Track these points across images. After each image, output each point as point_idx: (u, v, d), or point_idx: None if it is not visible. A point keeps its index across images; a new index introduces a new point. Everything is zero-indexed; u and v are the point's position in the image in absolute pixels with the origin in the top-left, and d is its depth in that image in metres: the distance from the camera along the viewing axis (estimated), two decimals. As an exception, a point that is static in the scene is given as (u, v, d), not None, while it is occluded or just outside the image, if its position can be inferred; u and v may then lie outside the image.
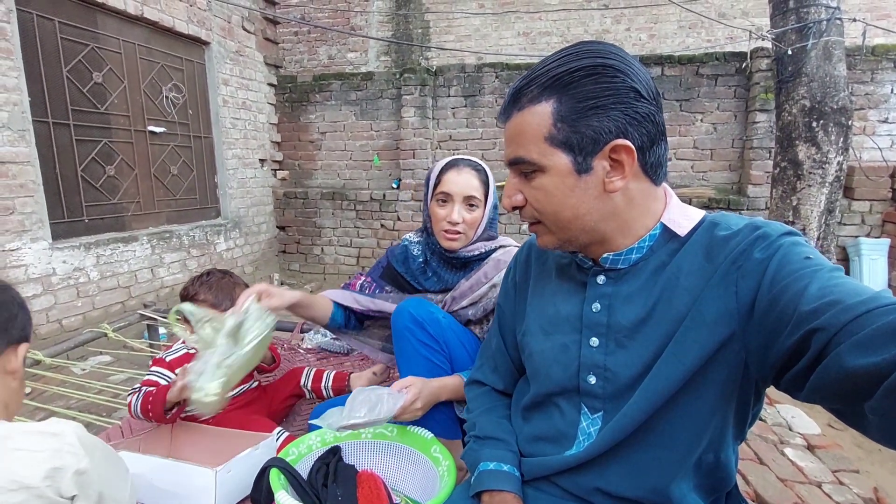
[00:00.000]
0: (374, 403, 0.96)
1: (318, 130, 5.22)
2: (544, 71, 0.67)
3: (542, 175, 0.69)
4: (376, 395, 0.98)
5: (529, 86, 0.68)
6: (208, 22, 4.15)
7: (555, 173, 0.68)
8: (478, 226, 1.29)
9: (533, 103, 0.67)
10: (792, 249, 0.60)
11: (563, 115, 0.65)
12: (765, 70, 3.94)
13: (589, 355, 0.73)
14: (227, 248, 4.52)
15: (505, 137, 0.73)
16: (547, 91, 0.66)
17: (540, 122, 0.67)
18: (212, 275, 1.31)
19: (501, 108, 0.73)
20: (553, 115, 0.66)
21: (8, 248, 2.73)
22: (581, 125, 0.65)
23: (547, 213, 0.71)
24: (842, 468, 1.82)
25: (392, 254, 1.47)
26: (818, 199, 2.86)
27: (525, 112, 0.68)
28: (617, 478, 0.72)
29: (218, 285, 1.29)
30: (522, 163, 0.70)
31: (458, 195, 1.26)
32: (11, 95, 2.72)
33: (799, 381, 0.55)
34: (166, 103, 3.90)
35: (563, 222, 0.70)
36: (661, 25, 6.54)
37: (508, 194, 0.74)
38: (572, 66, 0.65)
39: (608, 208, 0.69)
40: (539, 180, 0.69)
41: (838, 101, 2.75)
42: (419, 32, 7.13)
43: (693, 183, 4.42)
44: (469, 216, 1.27)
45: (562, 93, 0.65)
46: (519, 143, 0.70)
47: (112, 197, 3.49)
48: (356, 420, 0.94)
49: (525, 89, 0.68)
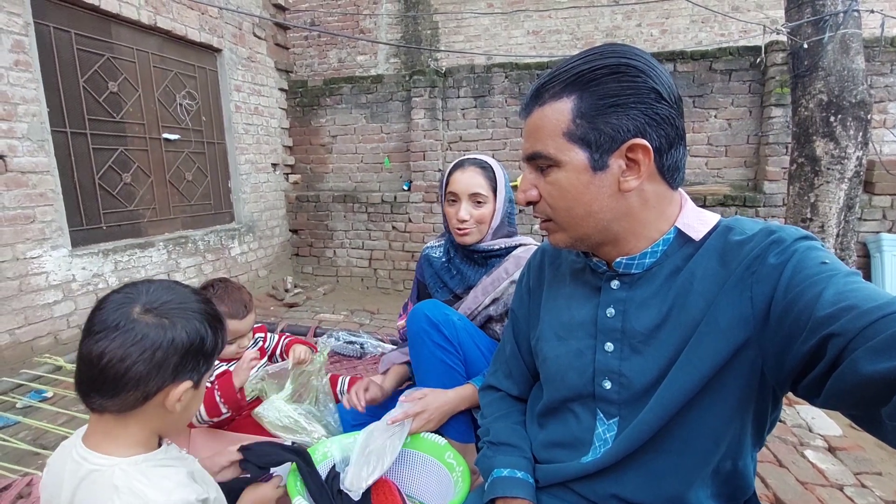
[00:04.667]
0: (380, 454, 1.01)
1: (328, 134, 5.26)
2: (568, 68, 0.67)
3: (557, 170, 0.69)
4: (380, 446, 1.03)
5: (552, 82, 0.68)
6: (220, 29, 4.21)
7: (570, 169, 0.68)
8: (490, 221, 1.33)
9: (554, 99, 0.68)
10: (807, 254, 0.59)
11: (582, 111, 0.66)
12: (780, 64, 3.86)
13: (604, 360, 0.73)
14: (242, 252, 4.58)
15: (524, 133, 0.74)
16: (569, 88, 0.67)
17: (559, 117, 0.67)
18: (216, 287, 1.34)
19: (523, 104, 0.74)
20: (573, 111, 0.66)
21: (29, 255, 2.79)
22: (600, 122, 0.65)
23: (559, 209, 0.71)
24: (864, 470, 1.78)
25: (418, 270, 1.53)
26: (837, 195, 2.80)
27: (546, 108, 0.69)
28: (634, 485, 0.71)
29: (228, 296, 1.32)
30: (539, 157, 0.70)
31: (464, 193, 1.31)
32: (30, 107, 2.78)
33: (815, 387, 0.54)
34: (180, 110, 3.96)
35: (575, 219, 0.70)
36: (672, 21, 6.46)
37: (523, 188, 0.74)
38: (596, 65, 0.65)
39: (622, 208, 0.68)
40: (554, 175, 0.70)
41: (857, 94, 2.69)
42: (428, 34, 7.13)
43: (708, 180, 4.35)
44: (476, 212, 1.31)
45: (583, 90, 0.66)
46: (537, 137, 0.70)
47: (129, 204, 3.56)
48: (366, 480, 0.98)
49: (547, 86, 0.69)
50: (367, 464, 0.98)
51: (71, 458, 0.68)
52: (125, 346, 0.63)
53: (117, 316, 0.64)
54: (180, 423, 0.75)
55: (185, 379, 0.68)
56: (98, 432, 0.68)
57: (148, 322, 0.65)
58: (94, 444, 0.68)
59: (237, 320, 1.32)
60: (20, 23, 2.71)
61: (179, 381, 0.68)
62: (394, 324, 3.76)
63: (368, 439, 1.03)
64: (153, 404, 0.67)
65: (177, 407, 0.68)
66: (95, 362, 0.64)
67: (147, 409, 0.67)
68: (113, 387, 0.64)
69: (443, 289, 1.42)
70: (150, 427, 0.70)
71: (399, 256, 4.95)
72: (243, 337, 1.37)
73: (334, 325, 3.61)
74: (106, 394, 0.65)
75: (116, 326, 0.64)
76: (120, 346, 0.63)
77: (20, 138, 2.73)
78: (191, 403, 0.73)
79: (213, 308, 0.74)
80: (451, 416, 1.16)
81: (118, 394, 0.65)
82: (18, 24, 2.71)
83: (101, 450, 0.67)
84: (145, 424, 0.69)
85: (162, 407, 0.68)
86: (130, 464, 0.67)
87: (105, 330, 0.64)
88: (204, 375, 0.73)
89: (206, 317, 0.71)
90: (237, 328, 1.34)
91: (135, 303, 0.66)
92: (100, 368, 0.63)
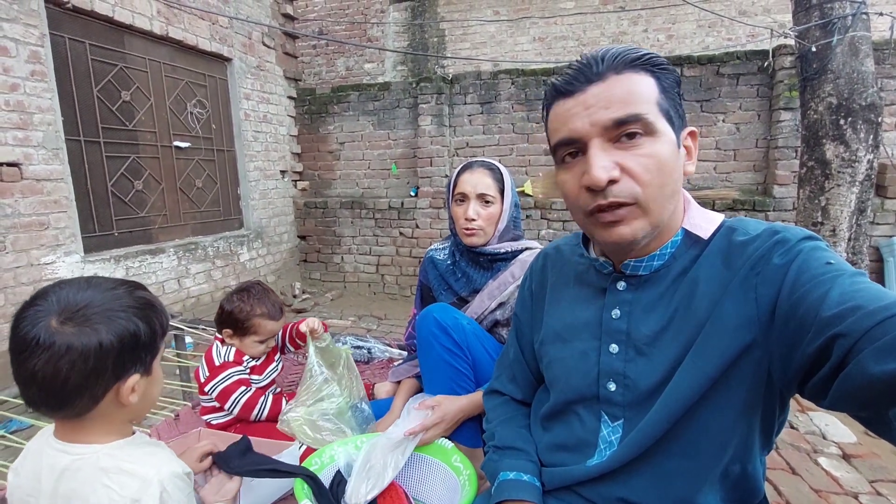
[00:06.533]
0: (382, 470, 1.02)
1: (336, 141, 5.30)
2: (632, 50, 0.66)
3: (652, 140, 0.63)
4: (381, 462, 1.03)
5: (622, 56, 0.65)
6: (230, 39, 4.28)
7: (665, 141, 0.64)
8: (497, 222, 1.34)
9: (633, 71, 0.64)
10: (812, 254, 0.59)
11: (664, 89, 0.66)
12: (788, 68, 3.84)
13: (608, 362, 0.73)
14: (251, 259, 4.62)
15: (593, 101, 0.64)
16: (641, 67, 0.65)
17: (649, 87, 0.65)
18: (254, 290, 1.38)
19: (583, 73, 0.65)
20: (657, 86, 0.65)
21: (43, 261, 2.84)
22: (674, 104, 0.67)
23: (654, 186, 0.63)
24: (880, 478, 1.74)
25: (422, 273, 1.53)
26: (848, 198, 2.77)
27: (628, 76, 0.64)
28: (641, 488, 0.71)
29: (268, 298, 1.39)
30: (637, 121, 0.63)
31: (472, 193, 1.32)
32: (46, 116, 2.84)
33: (822, 388, 0.54)
34: (191, 119, 4.02)
35: (665, 198, 0.65)
36: (679, 25, 6.45)
37: (603, 165, 0.63)
38: (655, 55, 0.67)
39: (680, 193, 0.70)
40: (650, 147, 0.63)
41: (867, 97, 2.67)
42: (435, 41, 7.19)
43: (716, 184, 4.32)
44: (484, 212, 1.32)
45: (655, 72, 0.66)
46: (630, 101, 0.63)
47: (140, 210, 3.61)
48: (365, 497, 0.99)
49: (619, 57, 0.65)
50: (367, 479, 0.99)
51: (46, 453, 0.68)
52: (53, 363, 0.61)
53: (35, 332, 0.61)
54: (144, 407, 0.75)
55: (131, 374, 0.67)
56: (67, 429, 0.69)
57: (68, 332, 0.62)
58: (69, 439, 0.68)
59: (273, 322, 1.37)
60: (36, 34, 2.78)
61: (125, 378, 0.67)
62: (401, 330, 3.77)
63: (370, 454, 1.03)
64: (107, 403, 0.67)
65: (131, 399, 0.68)
66: (30, 382, 0.62)
67: (102, 408, 0.67)
68: (57, 400, 0.64)
69: (447, 291, 1.42)
70: (116, 419, 0.70)
71: (406, 262, 4.96)
72: (271, 338, 1.41)
73: (342, 330, 3.63)
74: (54, 407, 0.65)
75: (38, 344, 0.61)
76: (47, 363, 0.61)
77: (35, 147, 2.79)
78: (149, 388, 0.72)
79: (139, 297, 0.70)
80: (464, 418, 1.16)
81: (65, 405, 0.64)
82: (35, 36, 2.77)
83: (78, 441, 0.68)
84: (110, 418, 0.69)
85: (117, 402, 0.67)
86: (113, 448, 0.68)
87: (28, 350, 0.61)
88: (152, 361, 0.71)
89: (133, 310, 0.67)
90: (273, 329, 1.39)
91: (50, 314, 0.62)
92: (37, 387, 0.62)
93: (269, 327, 1.36)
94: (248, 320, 1.34)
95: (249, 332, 1.35)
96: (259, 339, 1.37)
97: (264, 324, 1.35)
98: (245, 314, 1.33)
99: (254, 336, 1.36)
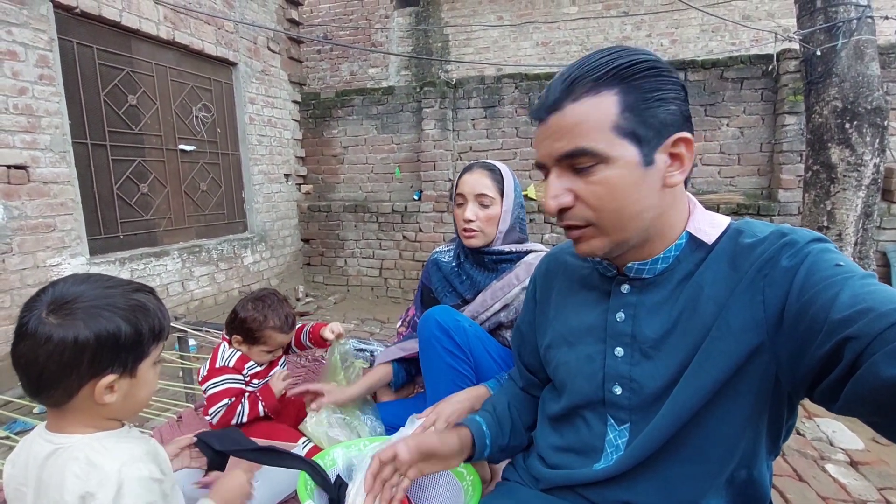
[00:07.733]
0: None
1: (340, 145, 5.32)
2: (602, 63, 0.64)
3: (605, 168, 0.64)
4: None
5: (585, 77, 0.64)
6: (235, 44, 4.31)
7: (622, 165, 0.64)
8: (497, 222, 1.33)
9: (592, 94, 0.64)
10: (821, 256, 0.58)
11: (629, 104, 0.63)
12: (793, 72, 3.83)
13: (614, 366, 0.72)
14: (254, 262, 4.63)
15: (550, 132, 0.67)
16: (607, 82, 0.63)
17: (605, 111, 0.63)
18: (269, 300, 1.37)
19: (544, 102, 0.67)
20: (619, 104, 0.63)
21: (49, 263, 2.86)
22: (648, 116, 0.64)
23: (607, 211, 0.65)
24: (888, 486, 1.72)
25: (424, 274, 1.52)
26: (854, 202, 2.75)
27: (583, 102, 0.64)
28: (646, 492, 0.70)
29: (281, 309, 1.37)
30: (584, 155, 0.64)
31: (470, 194, 1.32)
32: (53, 119, 2.87)
33: (833, 392, 0.53)
34: (196, 122, 4.05)
35: (623, 220, 0.66)
36: (682, 30, 6.46)
37: (555, 194, 0.67)
38: (632, 60, 0.64)
39: (663, 205, 0.67)
40: (602, 174, 0.64)
41: (872, 101, 2.66)
42: (439, 46, 7.22)
43: (720, 189, 4.31)
44: (482, 213, 1.31)
45: (625, 84, 0.63)
46: (578, 133, 0.64)
47: (145, 213, 3.63)
48: None
49: (580, 80, 0.64)
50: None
51: (35, 443, 0.70)
52: (34, 350, 0.64)
53: (27, 320, 0.65)
54: (129, 408, 0.74)
55: (108, 373, 0.68)
56: (56, 419, 0.71)
57: (52, 323, 0.64)
58: (57, 429, 0.70)
59: (283, 335, 1.37)
60: (45, 38, 2.81)
61: (100, 376, 0.67)
62: (404, 333, 3.76)
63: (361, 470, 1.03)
64: (83, 397, 0.67)
65: (107, 398, 0.68)
66: (17, 367, 0.66)
67: (78, 403, 0.68)
68: (36, 387, 0.67)
69: (451, 293, 1.41)
70: (95, 415, 0.70)
71: (409, 266, 4.96)
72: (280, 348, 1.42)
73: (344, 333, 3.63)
74: (32, 393, 0.68)
75: (26, 331, 0.64)
76: (30, 349, 0.64)
77: (43, 149, 2.81)
78: (133, 391, 0.72)
79: (132, 299, 0.70)
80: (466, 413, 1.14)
81: (42, 392, 0.67)
82: (43, 40, 2.80)
83: (62, 431, 0.69)
84: (88, 413, 0.70)
85: (92, 399, 0.68)
86: (93, 438, 0.69)
87: (20, 335, 0.65)
88: (137, 364, 0.71)
89: (119, 311, 0.68)
90: (283, 342, 1.39)
91: (42, 304, 0.65)
92: (21, 372, 0.66)
93: (279, 340, 1.36)
94: (259, 331, 1.33)
95: (259, 342, 1.35)
96: (267, 349, 1.37)
97: (275, 336, 1.35)
98: (258, 324, 1.33)
99: (263, 346, 1.36)
